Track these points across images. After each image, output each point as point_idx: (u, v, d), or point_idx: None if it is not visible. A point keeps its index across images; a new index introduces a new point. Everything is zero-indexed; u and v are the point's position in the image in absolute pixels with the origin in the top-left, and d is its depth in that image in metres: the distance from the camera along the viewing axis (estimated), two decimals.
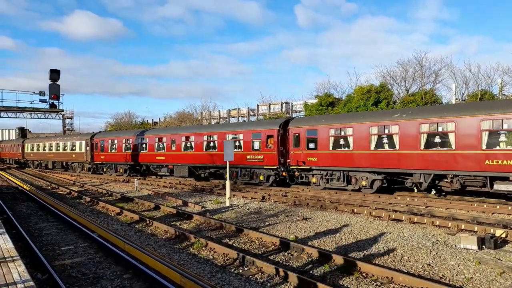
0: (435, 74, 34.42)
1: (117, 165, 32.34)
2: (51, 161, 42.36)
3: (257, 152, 21.29)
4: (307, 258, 8.58)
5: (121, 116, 70.66)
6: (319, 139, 18.93)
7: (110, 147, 32.73)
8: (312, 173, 19.44)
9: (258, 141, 21.47)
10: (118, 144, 31.93)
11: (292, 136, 20.11)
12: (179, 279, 6.84)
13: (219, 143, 23.17)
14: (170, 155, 26.72)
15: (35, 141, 47.40)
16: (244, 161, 21.81)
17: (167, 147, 27.04)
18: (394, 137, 16.41)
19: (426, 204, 14.48)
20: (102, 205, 16.63)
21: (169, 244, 10.16)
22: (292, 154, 19.97)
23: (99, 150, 33.82)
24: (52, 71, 29.28)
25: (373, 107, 30.32)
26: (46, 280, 7.23)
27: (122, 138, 31.69)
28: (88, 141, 34.92)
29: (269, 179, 21.20)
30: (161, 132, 30.16)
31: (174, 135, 26.89)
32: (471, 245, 8.98)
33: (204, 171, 25.26)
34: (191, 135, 25.57)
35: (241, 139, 22.37)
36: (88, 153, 34.97)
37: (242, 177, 22.27)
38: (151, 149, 28.42)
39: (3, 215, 13.46)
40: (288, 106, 49.88)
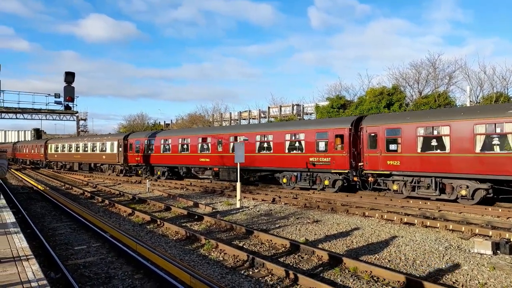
0: (449, 76, 34.03)
1: (155, 167, 29.95)
2: (77, 162, 40.42)
3: (322, 154, 18.92)
4: (317, 261, 8.54)
5: (134, 118, 71.61)
6: (403, 139, 16.20)
7: (146, 148, 30.38)
8: (392, 179, 16.77)
9: (323, 141, 19.04)
10: (156, 145, 29.55)
11: (366, 136, 17.51)
12: (190, 280, 6.88)
13: (275, 144, 21.18)
14: (215, 157, 24.40)
15: (59, 141, 45.86)
16: (305, 164, 19.58)
17: (213, 148, 24.80)
18: (510, 137, 13.70)
19: (439, 207, 14.27)
20: (115, 205, 16.83)
21: (180, 245, 10.22)
22: (367, 157, 17.39)
23: (134, 151, 31.59)
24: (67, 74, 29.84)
25: (385, 110, 30.07)
26: (59, 279, 7.35)
27: (160, 138, 29.32)
28: (121, 142, 32.76)
29: (335, 184, 18.94)
30: (205, 131, 27.64)
31: (221, 135, 24.51)
32: (485, 250, 8.81)
33: (254, 175, 23.32)
34: (241, 135, 22.95)
35: (302, 139, 19.99)
36: (121, 154, 32.80)
37: (303, 182, 19.96)
38: (193, 150, 26.11)
39: (18, 215, 13.73)
40: (299, 108, 49.79)
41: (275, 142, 21.21)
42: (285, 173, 20.77)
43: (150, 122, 69.33)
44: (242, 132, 23.35)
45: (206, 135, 25.83)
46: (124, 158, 32.55)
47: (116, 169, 34.52)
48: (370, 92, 32.77)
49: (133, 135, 33.76)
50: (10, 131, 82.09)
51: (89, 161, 38.11)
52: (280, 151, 20.83)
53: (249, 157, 21.29)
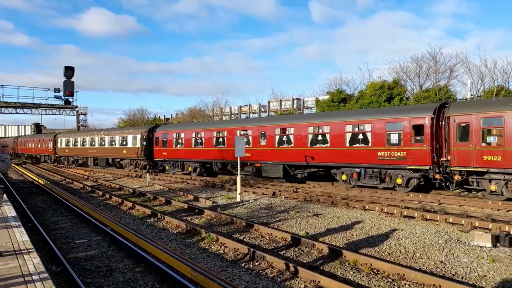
0: (450, 70, 33.88)
1: (185, 162, 27.27)
2: (91, 157, 37.60)
3: (395, 148, 16.33)
4: (318, 254, 8.57)
5: (134, 113, 71.34)
6: (507, 130, 13.71)
7: (175, 141, 27.71)
8: (489, 178, 14.20)
9: (396, 133, 16.43)
10: (186, 138, 26.86)
11: (454, 127, 14.98)
12: (190, 273, 6.91)
13: (333, 136, 18.58)
14: (258, 151, 21.93)
15: (71, 135, 43.06)
16: (372, 159, 17.07)
17: (254, 141, 22.30)
18: None
19: (439, 201, 14.29)
20: (115, 199, 16.87)
21: (181, 238, 10.25)
22: (455, 151, 14.84)
23: (161, 145, 28.79)
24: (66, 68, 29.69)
25: (385, 104, 30.00)
26: (60, 272, 7.38)
27: (191, 131, 26.70)
28: (145, 135, 29.92)
29: (408, 183, 16.39)
30: (246, 123, 24.83)
31: (265, 127, 22.04)
32: (485, 242, 8.84)
33: (303, 171, 20.95)
34: (290, 127, 20.77)
35: (368, 130, 17.42)
36: (145, 148, 29.97)
37: (367, 179, 17.49)
38: (231, 144, 22.72)
39: (19, 209, 13.76)
40: (299, 102, 49.68)
41: (333, 135, 18.60)
42: (345, 170, 18.34)
43: (150, 117, 69.23)
44: (290, 124, 21.04)
45: (247, 127, 23.44)
46: (148, 153, 29.74)
47: (139, 164, 31.88)
48: (371, 86, 32.67)
49: (160, 127, 30.70)
50: (10, 125, 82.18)
51: (107, 156, 35.33)
52: (339, 145, 18.27)
53: (299, 152, 19.59)
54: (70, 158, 42.45)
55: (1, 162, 7.07)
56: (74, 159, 41.56)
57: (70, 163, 41.78)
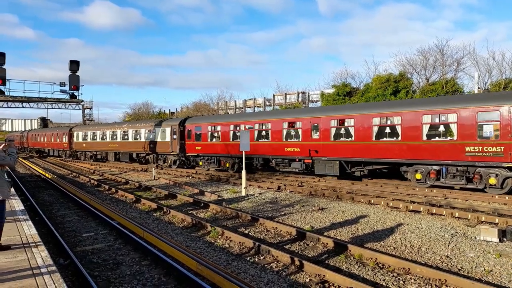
0: (457, 63, 33.53)
1: (221, 158, 24.92)
2: (112, 152, 35.55)
3: (490, 142, 13.92)
4: (323, 248, 8.58)
5: (139, 107, 71.58)
6: None
7: (210, 135, 25.39)
8: None
9: (490, 124, 14.13)
10: (223, 131, 24.50)
11: None
12: (196, 267, 6.96)
13: (405, 128, 16.08)
14: (309, 146, 19.58)
15: (89, 128, 40.77)
16: (456, 155, 14.70)
17: (305, 134, 19.88)
18: None
19: (446, 195, 14.22)
20: (121, 193, 16.99)
21: (186, 232, 10.32)
22: None
23: (193, 139, 26.51)
24: (71, 62, 29.84)
25: (391, 97, 29.80)
26: (68, 265, 7.47)
27: (229, 124, 24.35)
28: (176, 128, 27.69)
29: (504, 183, 14.04)
30: (295, 114, 21.79)
31: (318, 119, 19.42)
32: (492, 237, 8.79)
33: (363, 168, 18.25)
34: (349, 118, 18.18)
35: (452, 121, 14.92)
36: (176, 142, 27.68)
37: (449, 178, 15.05)
38: (276, 137, 21.17)
39: (26, 202, 13.92)
40: (304, 96, 49.46)
41: (405, 127, 16.13)
42: (419, 167, 15.95)
43: (155, 111, 69.43)
44: (350, 114, 18.30)
45: (295, 118, 20.82)
46: (180, 147, 27.47)
47: (168, 159, 29.49)
48: (377, 79, 32.46)
49: (192, 120, 28.17)
50: (16, 119, 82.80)
51: (130, 150, 33.14)
52: (414, 138, 15.87)
53: (360, 146, 17.28)
54: (87, 153, 40.18)
55: (8, 156, 7.13)
56: (92, 154, 39.35)
57: (88, 158, 39.79)
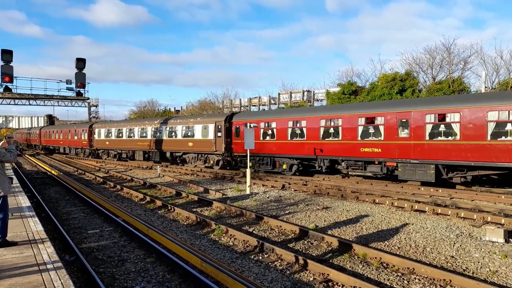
0: (464, 62, 33.23)
1: (276, 158, 21.95)
2: (141, 151, 32.58)
3: None
4: (327, 247, 8.58)
5: (144, 104, 71.89)
6: None
7: (263, 132, 22.58)
8: None
9: None
10: (279, 128, 21.63)
11: None
12: (200, 264, 6.98)
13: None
14: (393, 146, 16.37)
15: (113, 125, 37.68)
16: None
17: (388, 132, 16.69)
18: None
19: (451, 195, 14.13)
20: (126, 190, 17.08)
21: (191, 230, 10.36)
22: None
23: (242, 137, 22.41)
24: (78, 60, 30.01)
25: (397, 96, 29.63)
26: (73, 261, 7.53)
27: (286, 119, 21.39)
28: (221, 125, 24.64)
29: None
30: (375, 108, 18.03)
31: (407, 113, 16.04)
32: (497, 238, 8.73)
33: (465, 173, 15.17)
34: (453, 112, 14.93)
35: None
36: (221, 140, 24.57)
37: None
38: (349, 135, 18.13)
39: (33, 199, 14.04)
40: (310, 94, 49.34)
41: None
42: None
43: (161, 109, 69.69)
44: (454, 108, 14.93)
45: (376, 113, 17.46)
46: (226, 146, 24.51)
47: (210, 159, 26.33)
48: (382, 78, 32.29)
49: (241, 115, 25.54)
50: (23, 117, 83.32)
51: (164, 149, 30.09)
52: None
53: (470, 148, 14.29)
54: (111, 152, 37.14)
55: (8, 153, 7.21)
56: (116, 153, 36.22)
57: (112, 157, 36.90)
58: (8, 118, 79.36)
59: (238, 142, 23.58)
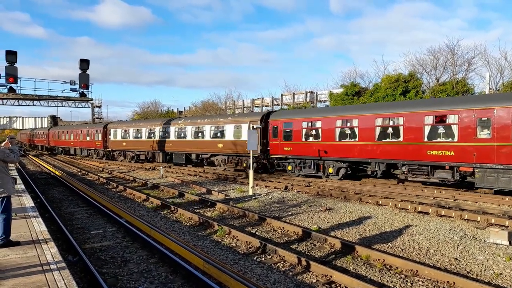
0: (468, 63, 33.12)
1: (319, 161, 19.76)
2: (162, 152, 30.60)
3: None
4: (330, 249, 8.55)
5: (148, 105, 72.04)
6: None
7: (306, 133, 20.41)
8: None
9: None
10: (325, 128, 19.40)
11: None
12: (203, 265, 6.98)
13: None
14: (472, 148, 14.26)
15: (130, 125, 35.21)
16: None
17: (465, 132, 14.52)
18: None
19: (455, 197, 14.07)
20: (129, 191, 17.12)
21: (193, 231, 10.36)
22: None
23: (281, 137, 21.48)
24: (81, 61, 30.15)
25: (401, 97, 29.56)
26: (77, 262, 7.55)
27: (334, 118, 19.14)
28: (256, 125, 22.07)
29: None
30: (447, 105, 15.61)
31: (489, 110, 14.02)
32: (502, 240, 8.68)
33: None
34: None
35: None
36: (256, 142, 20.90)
37: None
38: (412, 135, 15.95)
39: (36, 200, 14.09)
40: (312, 95, 49.32)
41: None
42: None
43: (164, 110, 69.82)
44: None
45: (449, 110, 15.10)
46: (262, 147, 22.26)
47: (243, 162, 23.74)
48: (386, 79, 32.23)
49: (280, 114, 23.06)
50: (27, 117, 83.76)
51: (189, 150, 27.85)
52: None
53: None
54: (128, 153, 34.75)
55: (12, 153, 7.25)
56: (134, 154, 34.01)
57: (129, 159, 34.64)
58: (12, 118, 79.82)
59: (275, 143, 21.96)
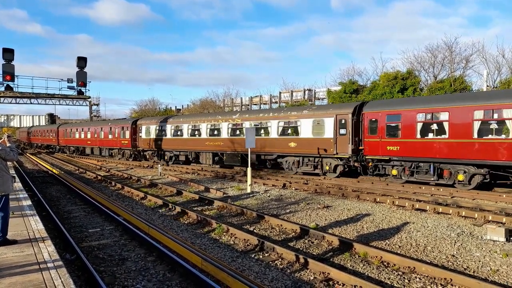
0: (466, 60, 33.12)
1: (446, 164, 15.55)
2: (209, 152, 26.04)
3: None
4: (328, 246, 8.57)
5: (145, 103, 71.82)
6: None
7: (422, 127, 16.17)
8: None
9: None
10: (455, 122, 15.07)
11: None
12: (201, 263, 6.98)
13: None
14: None
15: (167, 121, 30.15)
16: None
17: None
18: None
19: (452, 194, 14.10)
20: (127, 189, 17.09)
21: (191, 228, 10.35)
22: None
23: (382, 133, 17.14)
24: (79, 59, 29.98)
25: (399, 95, 29.58)
26: (74, 260, 7.54)
27: (470, 109, 14.67)
28: (347, 118, 18.34)
29: None
30: None
31: None
32: (498, 236, 8.71)
33: None
34: None
35: None
36: (345, 139, 18.31)
37: None
38: None
39: (34, 198, 14.06)
40: (311, 93, 49.31)
41: None
42: None
43: (162, 108, 69.65)
44: None
45: None
46: (353, 146, 18.18)
47: (325, 164, 19.66)
48: (384, 76, 32.24)
49: (377, 105, 18.54)
50: (24, 115, 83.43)
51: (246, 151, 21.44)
52: None
53: None
54: (166, 153, 30.30)
55: (11, 152, 7.23)
56: (172, 155, 29.62)
57: (166, 159, 30.21)
58: (9, 117, 79.51)
59: (373, 141, 17.43)
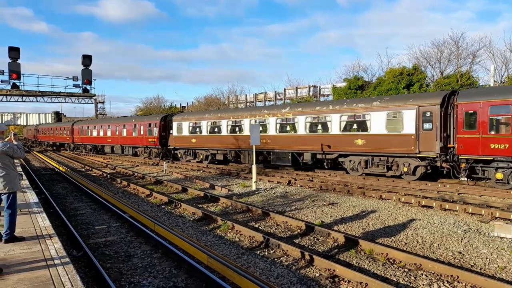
0: (473, 55, 32.80)
1: None
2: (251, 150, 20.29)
3: None
4: (333, 243, 8.55)
5: (151, 101, 72.01)
6: None
7: None
8: None
9: None
10: None
11: None
12: (206, 260, 7.00)
13: None
14: None
15: (202, 117, 27.22)
16: None
17: None
18: None
19: (459, 190, 14.00)
20: (133, 186, 17.17)
21: (197, 225, 10.39)
22: None
23: (483, 128, 14.04)
24: (84, 57, 30.11)
25: (404, 90, 29.38)
26: (81, 257, 7.60)
27: None
28: (434, 110, 15.35)
29: None
30: None
31: None
32: (506, 233, 8.64)
33: None
34: None
35: None
36: (431, 136, 15.45)
37: None
38: None
39: (41, 195, 14.17)
40: (316, 90, 49.11)
41: None
42: None
43: (167, 105, 69.82)
44: None
45: None
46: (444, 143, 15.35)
47: (402, 166, 16.77)
48: (389, 72, 32.04)
49: (477, 94, 15.19)
50: (31, 113, 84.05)
51: (298, 149, 20.64)
52: None
53: None
54: (199, 152, 27.65)
55: (18, 149, 7.28)
56: (209, 153, 26.81)
57: (201, 159, 27.50)
58: (16, 115, 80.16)
59: (471, 137, 14.38)
